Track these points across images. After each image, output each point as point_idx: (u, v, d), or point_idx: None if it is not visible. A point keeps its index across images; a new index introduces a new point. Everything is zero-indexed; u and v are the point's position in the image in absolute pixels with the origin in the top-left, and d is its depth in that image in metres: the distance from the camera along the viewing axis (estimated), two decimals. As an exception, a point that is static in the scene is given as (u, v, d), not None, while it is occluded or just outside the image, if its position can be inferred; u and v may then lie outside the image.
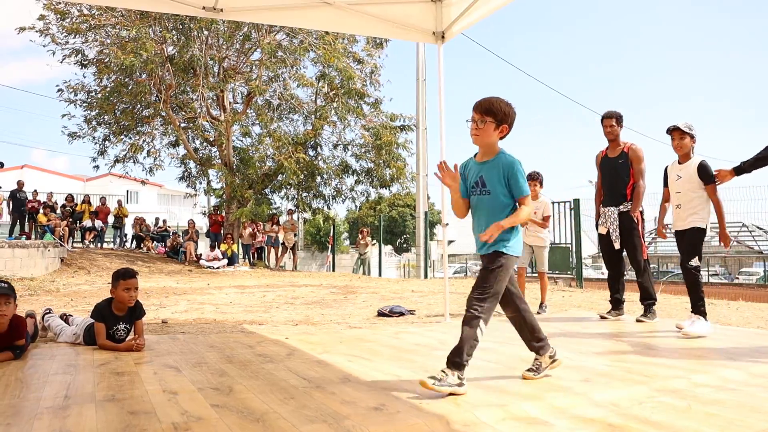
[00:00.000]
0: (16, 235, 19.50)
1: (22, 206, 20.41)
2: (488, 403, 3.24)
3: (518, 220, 3.65)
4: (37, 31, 20.60)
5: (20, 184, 20.92)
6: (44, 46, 20.97)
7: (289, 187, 23.39)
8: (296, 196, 23.83)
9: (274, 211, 24.18)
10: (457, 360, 3.51)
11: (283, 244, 22.32)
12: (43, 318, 5.82)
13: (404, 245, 46.22)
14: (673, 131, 6.01)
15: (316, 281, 15.73)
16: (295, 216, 24.15)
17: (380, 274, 22.38)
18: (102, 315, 5.04)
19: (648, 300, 6.79)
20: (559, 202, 15.81)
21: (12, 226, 20.55)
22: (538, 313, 7.76)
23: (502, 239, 3.63)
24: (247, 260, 22.10)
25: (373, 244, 23.56)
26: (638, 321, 6.70)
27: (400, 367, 4.26)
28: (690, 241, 5.90)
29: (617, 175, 6.96)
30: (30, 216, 20.59)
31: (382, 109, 23.00)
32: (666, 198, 6.55)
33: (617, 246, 6.88)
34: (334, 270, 24.17)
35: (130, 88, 21.17)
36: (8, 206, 20.75)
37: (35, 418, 3.03)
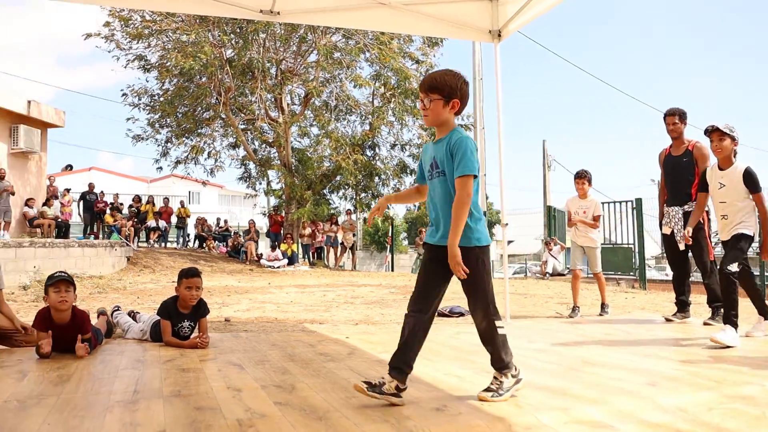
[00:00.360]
0: (85, 235, 20.14)
1: (92, 207, 21.06)
2: (550, 406, 3.21)
3: (460, 222, 3.19)
4: (102, 38, 21.24)
5: (91, 186, 21.59)
6: (109, 51, 21.64)
7: (347, 187, 23.53)
8: (354, 196, 23.96)
9: (333, 211, 24.36)
10: (501, 364, 3.39)
11: (342, 243, 22.49)
12: (111, 315, 6.02)
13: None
14: (712, 132, 5.54)
15: (376, 281, 15.80)
16: (353, 216, 24.30)
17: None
18: (168, 312, 5.19)
19: (715, 302, 6.54)
20: (620, 202, 15.52)
21: (85, 227, 21.24)
22: (600, 314, 7.62)
23: (466, 235, 3.25)
24: (306, 260, 22.34)
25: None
26: (705, 324, 6.47)
27: (461, 368, 4.25)
28: (734, 245, 5.45)
29: (681, 174, 6.76)
30: (98, 216, 21.22)
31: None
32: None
33: (682, 247, 6.65)
34: (393, 270, 24.22)
35: (190, 91, 21.62)
36: (79, 207, 21.42)
37: (107, 411, 3.13)
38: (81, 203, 21.30)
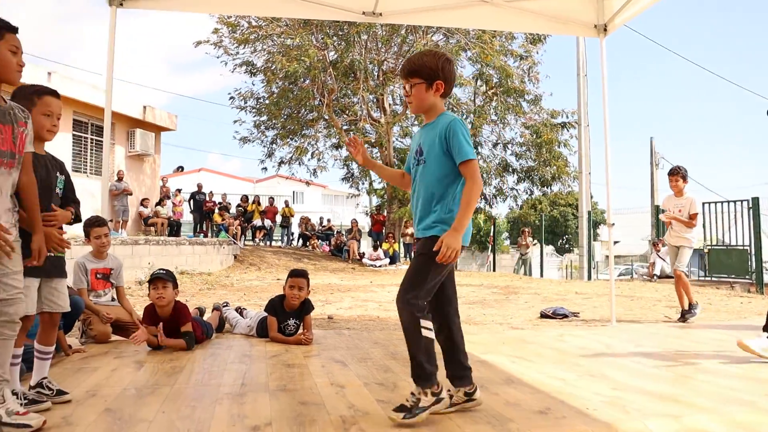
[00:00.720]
0: (195, 234, 20.98)
1: (201, 207, 21.91)
2: (660, 412, 3.09)
3: (469, 209, 2.92)
4: (211, 44, 22.03)
5: (199, 186, 22.46)
6: (218, 57, 22.43)
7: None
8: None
9: (434, 210, 24.33)
10: (422, 374, 2.96)
11: (443, 243, 22.40)
12: (222, 307, 6.27)
13: (566, 245, 44.99)
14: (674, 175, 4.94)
15: (477, 281, 15.69)
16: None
17: (542, 275, 21.95)
18: (274, 309, 5.35)
19: None
20: (734, 201, 14.79)
21: (194, 225, 22.13)
22: (684, 318, 7.21)
23: (442, 220, 2.98)
24: (408, 259, 22.41)
25: (535, 244, 23.14)
26: None
27: (565, 371, 4.16)
28: None
29: None
30: (207, 216, 22.04)
31: (542, 106, 22.56)
32: None
33: None
34: (494, 270, 23.98)
35: (295, 93, 22.11)
36: (189, 206, 22.33)
37: (216, 402, 3.25)
38: (191, 203, 22.20)
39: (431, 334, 2.94)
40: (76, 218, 3.46)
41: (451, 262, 2.92)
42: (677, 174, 7.38)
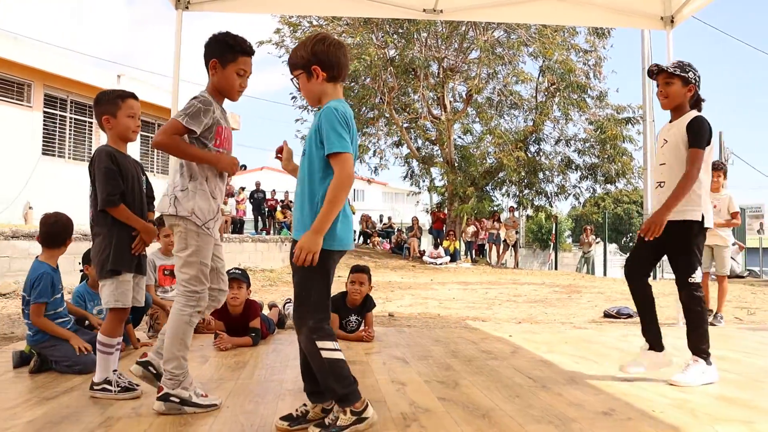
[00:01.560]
0: (257, 231, 21.31)
1: (260, 205, 22.21)
2: (730, 417, 3.00)
3: (332, 207, 2.61)
4: (273, 44, 22.30)
5: (257, 184, 22.78)
6: (279, 57, 22.68)
7: (510, 184, 23.25)
8: (517, 193, 23.61)
9: (496, 208, 24.16)
10: (335, 397, 2.72)
11: (504, 241, 22.26)
12: (284, 307, 6.35)
13: (630, 244, 44.05)
14: (658, 75, 3.97)
15: (539, 279, 15.51)
16: (516, 213, 23.98)
17: (605, 274, 21.56)
18: (336, 306, 5.38)
19: None
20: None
21: (255, 223, 22.47)
22: (712, 324, 6.91)
23: (306, 224, 2.67)
24: (468, 257, 22.32)
25: (597, 243, 22.73)
26: None
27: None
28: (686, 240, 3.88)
29: None
30: (269, 213, 22.35)
31: (608, 102, 22.11)
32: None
33: None
34: (556, 268, 23.67)
35: (355, 91, 22.22)
36: (249, 204, 22.70)
37: (279, 398, 3.30)
38: (250, 201, 22.54)
39: (333, 354, 2.68)
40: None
41: (314, 266, 2.63)
42: (720, 170, 7.06)
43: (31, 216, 14.87)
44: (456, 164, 22.84)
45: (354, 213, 25.21)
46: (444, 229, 22.68)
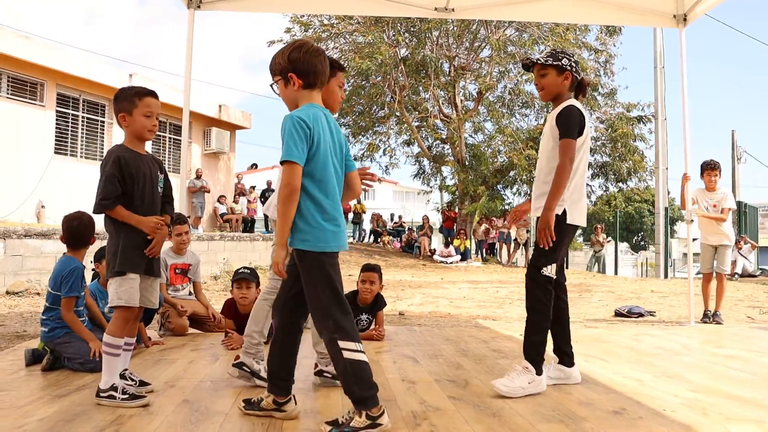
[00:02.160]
0: (268, 230, 21.36)
1: (270, 204, 22.23)
2: (743, 417, 2.98)
3: (281, 219, 2.70)
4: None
5: (268, 183, 22.80)
6: (290, 56, 22.68)
7: (521, 182, 23.19)
8: (528, 192, 23.54)
9: (507, 206, 24.11)
10: (353, 398, 2.71)
11: (515, 240, 22.22)
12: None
13: (641, 243, 43.89)
14: (533, 68, 3.86)
15: (549, 278, 15.44)
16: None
17: (616, 273, 21.49)
18: (347, 305, 5.38)
19: None
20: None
21: (266, 222, 22.50)
22: (703, 321, 6.87)
23: (294, 236, 2.75)
24: (479, 255, 22.28)
25: (609, 241, 22.64)
26: None
27: (641, 371, 4.06)
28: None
29: None
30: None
31: (618, 100, 22.02)
32: None
33: None
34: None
35: (366, 90, 22.21)
36: (261, 203, 22.75)
37: (289, 398, 3.30)
38: (261, 200, 22.58)
39: (355, 356, 2.69)
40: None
41: (311, 273, 2.75)
42: (717, 168, 7.09)
43: (43, 215, 14.97)
44: (467, 163, 22.80)
45: (364, 212, 25.26)
46: (455, 227, 22.66)
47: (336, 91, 3.38)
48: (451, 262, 19.93)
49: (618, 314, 7.76)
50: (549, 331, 3.58)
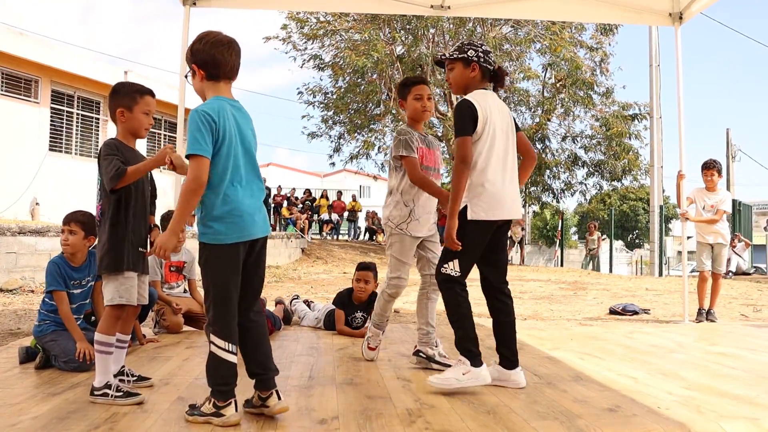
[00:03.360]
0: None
1: (265, 201, 22.19)
2: (736, 414, 2.99)
3: (180, 207, 2.75)
4: (280, 40, 22.29)
5: (263, 180, 22.81)
6: (286, 53, 22.68)
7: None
8: (524, 190, 23.58)
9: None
10: (209, 384, 2.87)
11: (510, 238, 22.24)
12: (290, 303, 6.37)
13: (636, 240, 43.96)
14: (445, 62, 3.72)
15: (544, 276, 15.49)
16: (522, 210, 23.93)
17: (611, 270, 21.52)
18: (342, 303, 5.41)
19: None
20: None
21: (261, 219, 22.51)
22: (698, 320, 6.86)
23: (201, 228, 2.86)
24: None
25: (604, 239, 22.68)
26: None
27: (635, 369, 4.07)
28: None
29: None
30: (275, 209, 22.36)
31: (614, 98, 22.04)
32: None
33: None
34: (562, 265, 23.64)
35: (362, 88, 22.19)
36: (257, 202, 22.75)
37: (284, 394, 3.27)
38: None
39: (220, 353, 2.79)
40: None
41: (208, 263, 2.82)
42: (713, 168, 6.99)
43: (37, 212, 14.93)
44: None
45: (360, 210, 25.23)
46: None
47: (416, 106, 4.06)
48: (447, 260, 19.90)
49: (612, 312, 7.77)
50: (474, 326, 3.60)
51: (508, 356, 3.58)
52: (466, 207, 3.41)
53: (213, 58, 2.82)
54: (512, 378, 3.52)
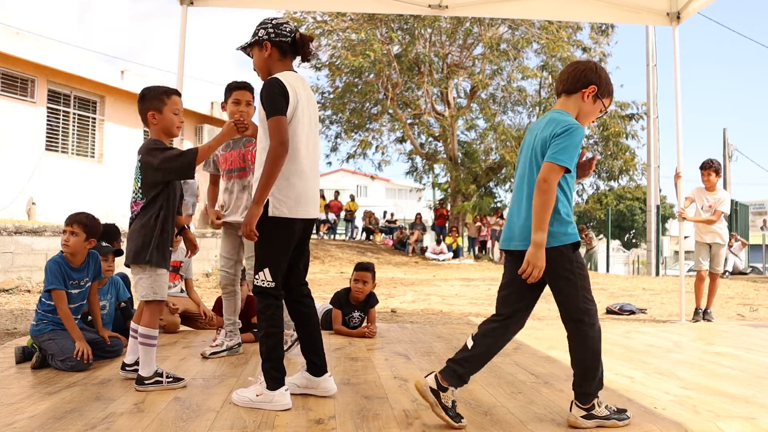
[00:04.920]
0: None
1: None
2: (732, 413, 2.99)
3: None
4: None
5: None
6: (283, 52, 22.63)
7: (513, 180, 23.21)
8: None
9: (498, 204, 24.13)
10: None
11: (507, 237, 22.24)
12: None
13: (633, 240, 43.98)
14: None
15: (541, 276, 15.47)
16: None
17: (608, 270, 21.54)
18: (340, 302, 5.41)
19: None
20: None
21: (257, 219, 22.49)
22: (695, 320, 6.86)
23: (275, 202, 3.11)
24: (472, 253, 22.29)
25: (600, 239, 22.69)
26: None
27: (632, 368, 4.07)
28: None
29: None
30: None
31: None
32: None
33: None
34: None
35: (359, 87, 22.20)
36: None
37: (281, 396, 3.29)
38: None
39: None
40: None
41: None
42: (710, 168, 6.99)
43: (34, 212, 14.88)
44: (459, 160, 22.82)
45: (356, 209, 25.22)
46: (447, 225, 22.67)
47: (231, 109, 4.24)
48: (443, 260, 19.95)
49: (609, 312, 7.78)
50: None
51: (316, 362, 3.29)
52: (267, 202, 3.04)
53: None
54: (321, 385, 3.27)
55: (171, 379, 3.37)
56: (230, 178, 4.28)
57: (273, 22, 3.19)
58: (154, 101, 3.47)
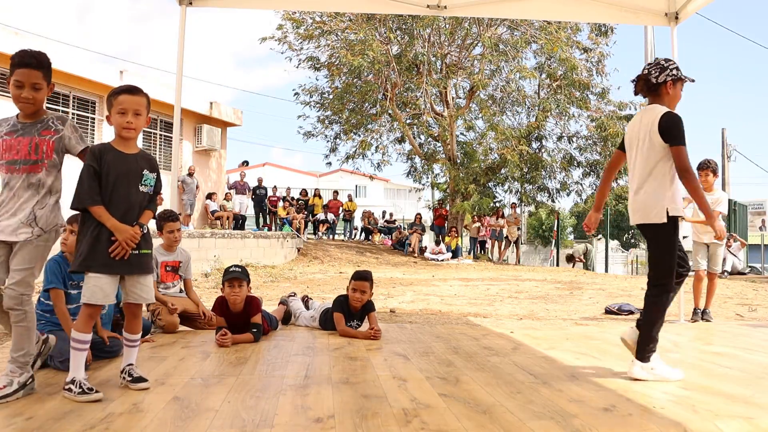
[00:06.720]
0: (258, 227, 21.30)
1: (261, 201, 22.17)
2: (731, 413, 3.00)
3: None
4: (276, 40, 22.28)
5: (259, 180, 22.73)
6: (282, 53, 22.68)
7: (512, 180, 23.22)
8: (520, 189, 23.61)
9: (497, 204, 24.13)
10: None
11: (506, 237, 22.25)
12: (288, 297, 6.36)
13: (631, 240, 44.01)
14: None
15: (540, 276, 15.50)
16: (518, 209, 23.97)
17: (606, 270, 21.55)
18: (341, 307, 5.41)
19: None
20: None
21: (256, 219, 22.46)
22: (694, 320, 6.89)
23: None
24: (471, 253, 22.30)
25: (599, 239, 22.69)
26: None
27: (631, 368, 4.06)
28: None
29: None
30: (271, 210, 22.33)
31: (609, 99, 22.04)
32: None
33: None
34: (557, 265, 23.66)
35: (358, 88, 22.20)
36: (252, 201, 22.68)
37: (280, 393, 3.30)
38: (252, 197, 22.50)
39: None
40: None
41: None
42: (707, 168, 6.99)
43: (33, 211, 14.87)
44: (458, 160, 22.81)
45: (355, 210, 25.21)
46: (446, 225, 22.67)
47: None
48: (442, 260, 19.95)
49: (608, 312, 7.78)
50: None
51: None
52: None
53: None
54: None
55: (80, 391, 3.09)
56: (12, 171, 3.33)
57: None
58: (108, 103, 3.35)
